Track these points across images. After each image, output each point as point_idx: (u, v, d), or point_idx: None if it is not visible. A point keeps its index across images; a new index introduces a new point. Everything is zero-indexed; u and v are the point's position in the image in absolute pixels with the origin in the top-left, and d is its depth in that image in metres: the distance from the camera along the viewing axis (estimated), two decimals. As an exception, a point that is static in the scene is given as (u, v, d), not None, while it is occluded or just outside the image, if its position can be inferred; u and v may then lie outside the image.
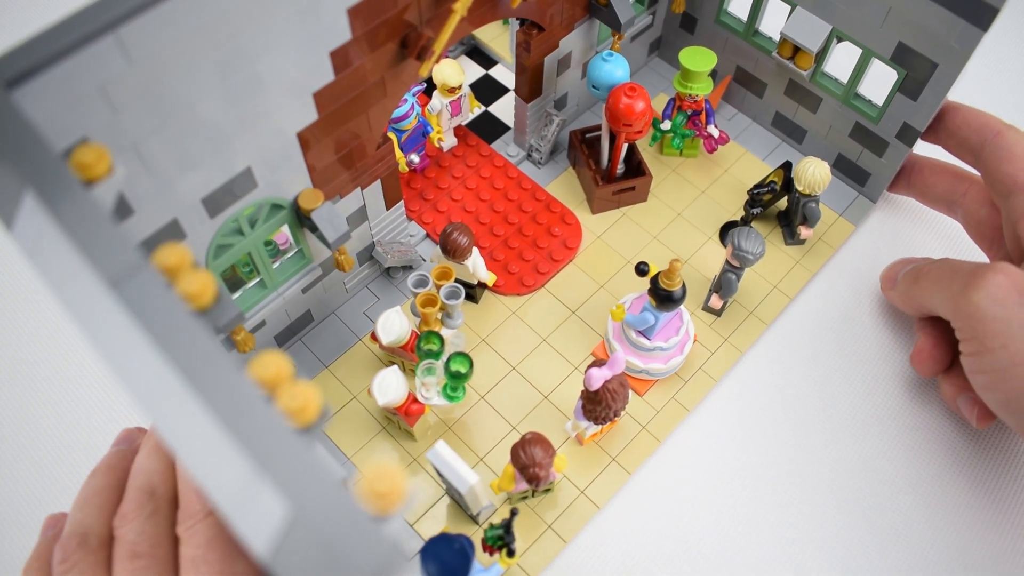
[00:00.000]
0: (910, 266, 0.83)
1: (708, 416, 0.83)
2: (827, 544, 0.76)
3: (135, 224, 0.58)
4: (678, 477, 0.79)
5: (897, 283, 0.84)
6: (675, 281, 0.73)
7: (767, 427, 0.82)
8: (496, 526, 0.69)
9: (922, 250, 0.94)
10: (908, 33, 0.79)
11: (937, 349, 0.79)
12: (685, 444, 0.81)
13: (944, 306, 0.74)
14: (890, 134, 0.88)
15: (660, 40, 1.07)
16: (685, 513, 0.77)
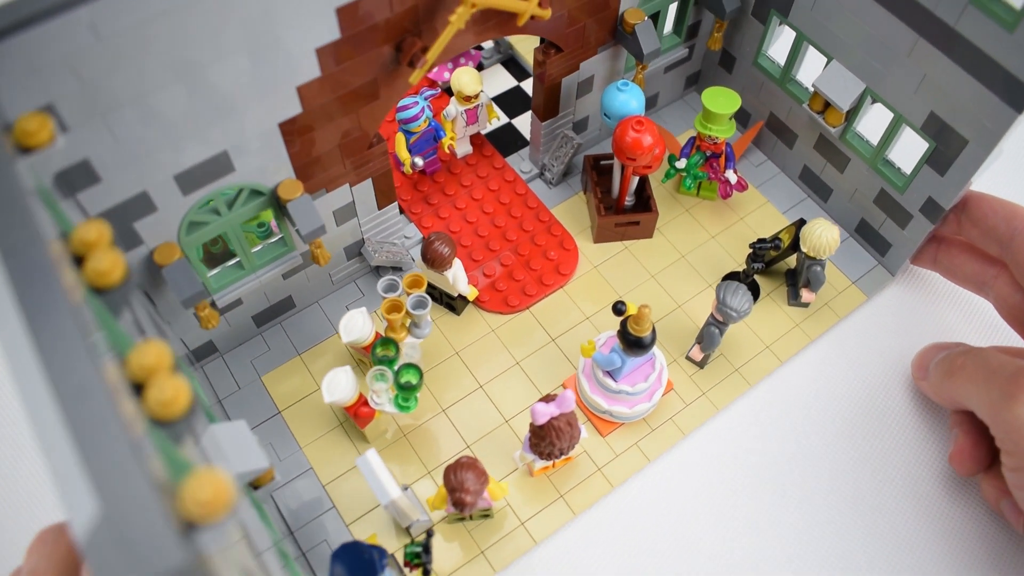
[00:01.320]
0: (942, 354, 0.78)
1: (669, 469, 0.80)
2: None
3: (101, 192, 0.59)
4: (625, 525, 0.77)
5: (929, 374, 0.79)
6: (643, 327, 0.71)
7: (730, 493, 0.78)
8: (416, 543, 0.69)
9: (943, 330, 0.88)
10: (941, 104, 0.74)
11: (977, 449, 0.74)
12: (639, 494, 0.78)
13: (982, 411, 0.70)
14: (914, 207, 0.83)
15: (698, 75, 1.03)
16: (625, 564, 0.75)
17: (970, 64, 0.69)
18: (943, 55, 0.71)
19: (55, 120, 0.52)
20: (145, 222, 0.64)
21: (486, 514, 0.75)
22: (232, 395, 0.83)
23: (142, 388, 0.41)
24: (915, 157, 0.81)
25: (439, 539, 0.75)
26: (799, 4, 0.83)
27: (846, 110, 0.82)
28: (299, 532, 0.76)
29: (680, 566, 0.74)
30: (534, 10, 0.68)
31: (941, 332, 0.89)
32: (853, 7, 0.77)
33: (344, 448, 0.80)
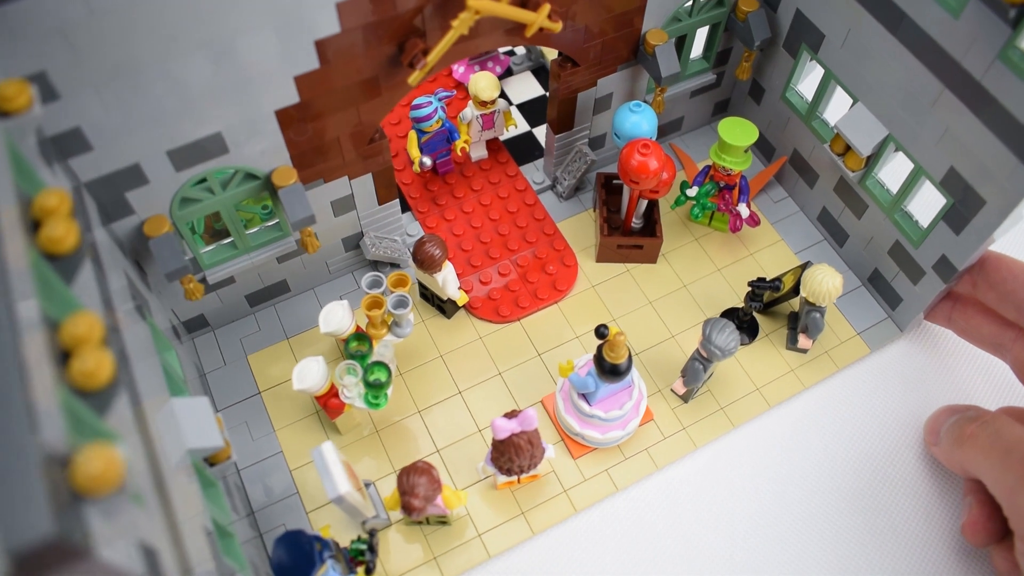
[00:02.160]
0: (954, 418, 0.75)
1: (636, 501, 0.78)
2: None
3: (93, 160, 0.61)
4: (583, 550, 0.75)
5: (940, 439, 0.76)
6: (618, 354, 0.69)
7: (698, 540, 0.76)
8: (361, 540, 0.69)
9: (953, 391, 0.84)
10: (961, 160, 0.71)
11: (992, 521, 0.71)
12: (602, 522, 0.77)
13: (995, 490, 0.67)
14: (927, 263, 0.79)
15: (727, 103, 1.01)
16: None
17: (993, 121, 0.66)
18: (967, 109, 0.68)
19: (47, 87, 0.54)
20: (136, 193, 0.65)
21: (443, 521, 0.75)
22: (217, 370, 0.85)
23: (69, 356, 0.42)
24: (932, 212, 0.77)
25: (396, 539, 0.75)
26: (829, 41, 0.80)
27: (865, 156, 0.79)
28: (259, 513, 0.77)
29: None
30: (543, 22, 0.68)
31: (950, 393, 0.85)
32: (881, 49, 0.74)
33: (316, 437, 0.81)
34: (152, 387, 0.59)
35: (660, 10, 0.80)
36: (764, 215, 0.96)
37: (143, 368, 0.58)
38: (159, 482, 0.49)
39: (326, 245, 0.84)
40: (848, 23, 0.76)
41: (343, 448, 0.80)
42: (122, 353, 0.53)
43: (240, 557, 0.64)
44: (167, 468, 0.52)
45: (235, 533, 0.65)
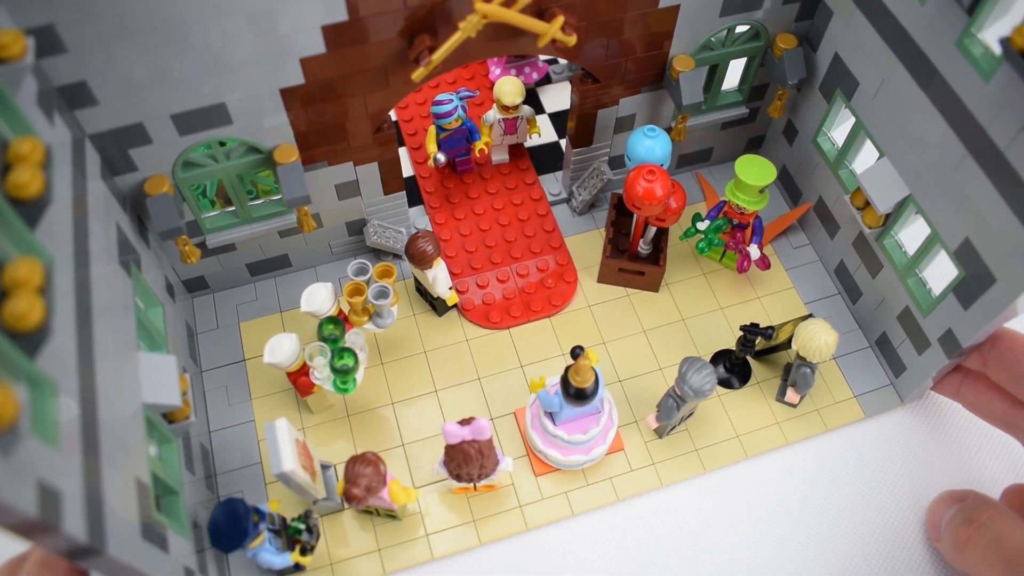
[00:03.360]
0: (953, 510, 0.71)
1: (589, 529, 0.77)
2: None
3: (98, 114, 0.63)
4: (525, 568, 0.74)
5: (942, 536, 0.72)
6: (583, 378, 0.68)
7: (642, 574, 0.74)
8: (300, 519, 0.69)
9: (952, 465, 0.80)
10: (977, 232, 0.67)
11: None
12: (553, 543, 0.76)
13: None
14: (934, 335, 0.75)
15: (762, 140, 0.98)
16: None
17: (1012, 197, 0.62)
18: (988, 180, 0.64)
19: (55, 40, 0.57)
20: (140, 151, 0.68)
21: (392, 515, 0.75)
22: (210, 332, 0.87)
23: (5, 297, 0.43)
24: (945, 282, 0.73)
25: (347, 525, 0.76)
26: (863, 89, 0.76)
27: (882, 213, 0.75)
28: (220, 476, 0.79)
29: (564, 629, 0.72)
30: (556, 34, 0.67)
31: (953, 469, 0.80)
32: (911, 104, 0.70)
33: (289, 412, 0.82)
34: (118, 339, 0.61)
35: (691, 36, 0.78)
36: (780, 260, 0.93)
37: (111, 319, 0.60)
38: (90, 429, 0.51)
39: (329, 227, 0.86)
40: (883, 73, 0.73)
41: (311, 427, 0.81)
42: (84, 302, 0.55)
43: (180, 516, 0.65)
44: (108, 417, 0.54)
45: (181, 492, 0.67)
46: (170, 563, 0.59)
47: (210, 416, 0.82)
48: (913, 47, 0.68)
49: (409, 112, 1.03)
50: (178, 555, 0.61)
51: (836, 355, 0.86)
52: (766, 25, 0.80)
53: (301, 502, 0.75)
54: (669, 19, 0.75)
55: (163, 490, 0.65)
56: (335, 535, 0.75)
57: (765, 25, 0.80)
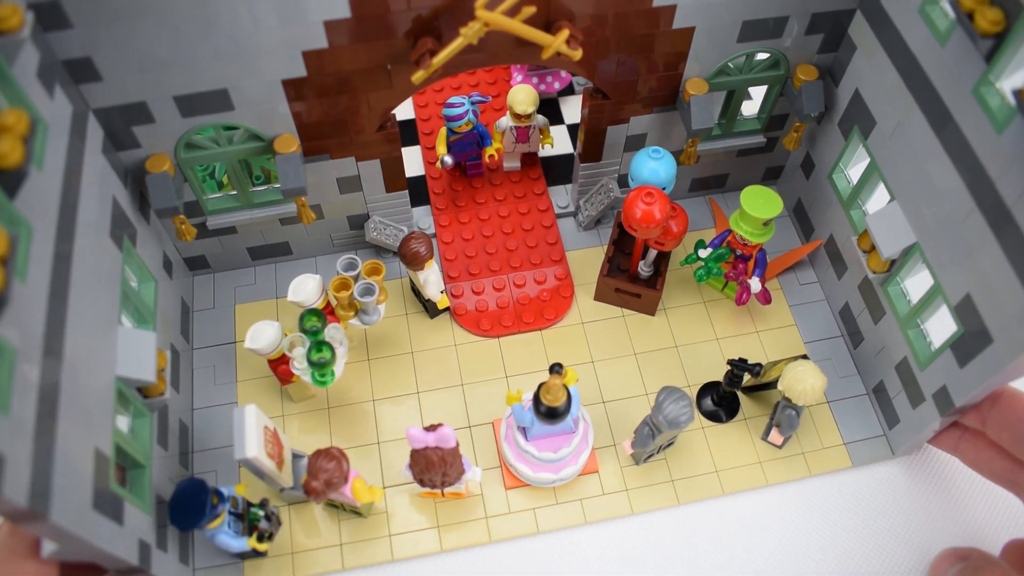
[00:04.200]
0: (958, 567, 0.69)
1: (553, 549, 0.76)
2: None
3: (102, 90, 0.65)
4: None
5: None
6: (554, 397, 0.67)
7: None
8: (259, 507, 0.70)
9: (946, 522, 0.77)
10: (978, 289, 0.64)
11: None
12: (512, 560, 0.75)
13: None
14: (929, 390, 0.72)
15: (780, 171, 0.96)
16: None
17: (1016, 256, 0.59)
18: (993, 236, 0.61)
19: (60, 15, 0.58)
20: (143, 129, 0.69)
21: (356, 511, 0.75)
22: (206, 311, 0.89)
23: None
24: (944, 336, 0.70)
25: (314, 516, 0.76)
26: (880, 129, 0.74)
27: (886, 258, 0.73)
28: (197, 454, 0.80)
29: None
30: (560, 47, 0.66)
31: (947, 525, 0.77)
32: (924, 149, 0.67)
33: (272, 398, 0.83)
34: (97, 310, 0.62)
35: (707, 59, 0.76)
36: (784, 295, 0.90)
37: (92, 291, 0.61)
38: (49, 396, 0.52)
39: (331, 219, 0.86)
40: (900, 114, 0.70)
41: (291, 416, 0.82)
42: (62, 272, 0.57)
43: (144, 490, 0.66)
44: (73, 386, 0.55)
45: (149, 466, 0.68)
46: (124, 535, 0.60)
47: (195, 394, 0.83)
48: (931, 90, 0.66)
49: (428, 111, 1.03)
50: (134, 528, 0.62)
51: (830, 399, 0.83)
52: (787, 54, 0.78)
53: (268, 489, 0.76)
54: (684, 40, 0.73)
55: (129, 463, 0.67)
56: (301, 525, 0.76)
57: (786, 54, 0.78)
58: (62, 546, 0.54)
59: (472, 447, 0.80)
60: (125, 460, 0.66)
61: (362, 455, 0.80)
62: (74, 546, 0.54)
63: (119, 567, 0.61)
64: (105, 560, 0.59)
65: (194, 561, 0.74)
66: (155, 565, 0.65)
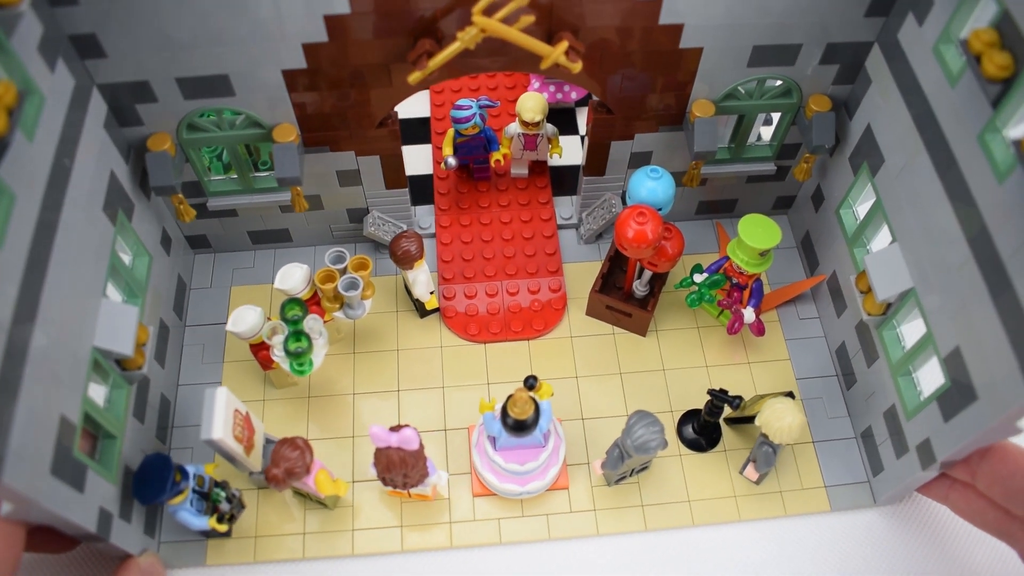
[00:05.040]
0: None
1: (513, 562, 0.75)
2: None
3: (106, 67, 0.66)
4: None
5: None
6: (521, 410, 0.67)
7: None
8: (223, 488, 0.71)
9: None
10: (968, 342, 0.61)
11: None
12: (469, 567, 0.75)
13: None
14: (913, 441, 0.70)
15: (792, 201, 0.93)
16: (413, 621, 0.72)
17: (1007, 314, 0.56)
18: (986, 289, 0.58)
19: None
20: (145, 108, 0.70)
21: (322, 503, 0.75)
22: (202, 289, 0.90)
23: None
24: (932, 387, 0.68)
25: (281, 502, 0.77)
26: (887, 167, 0.71)
27: (880, 300, 0.70)
28: (177, 430, 0.81)
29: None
30: (559, 59, 0.65)
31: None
32: (927, 192, 0.65)
33: (255, 382, 0.84)
34: (79, 280, 0.63)
35: (715, 82, 0.75)
36: (781, 328, 0.88)
37: (75, 261, 0.62)
38: (15, 361, 0.53)
39: (330, 210, 0.87)
40: (907, 154, 0.68)
41: (271, 401, 0.83)
42: (44, 239, 0.58)
43: (112, 460, 0.68)
44: (43, 352, 0.56)
45: (120, 437, 0.69)
46: (83, 503, 0.61)
47: (182, 370, 0.84)
48: (938, 132, 0.63)
49: (444, 111, 1.04)
50: (96, 497, 0.63)
51: (816, 440, 0.81)
52: (800, 83, 0.76)
53: (238, 472, 0.77)
54: (691, 61, 0.72)
55: (101, 432, 0.68)
56: (268, 510, 0.77)
57: (799, 83, 0.76)
58: (17, 507, 0.55)
59: (445, 450, 0.80)
60: (96, 429, 0.67)
61: (337, 447, 0.80)
62: (29, 508, 0.56)
63: (77, 533, 0.63)
64: (62, 525, 0.60)
65: (160, 534, 0.75)
66: (115, 534, 0.66)
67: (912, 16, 0.66)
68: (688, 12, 0.67)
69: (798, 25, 0.69)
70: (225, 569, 0.74)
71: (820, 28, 0.70)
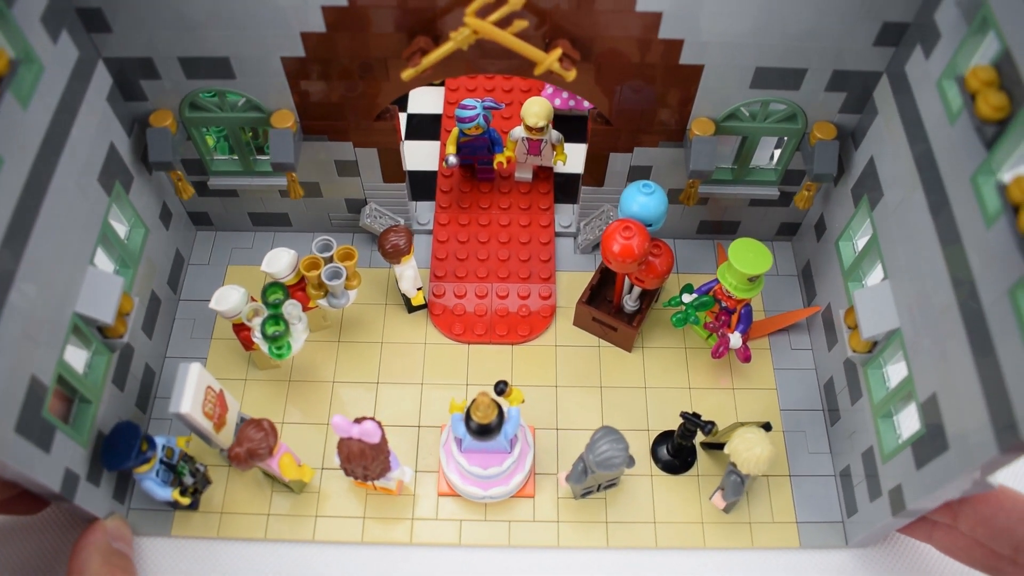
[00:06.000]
0: None
1: (469, 565, 0.75)
2: None
3: (111, 41, 0.68)
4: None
5: None
6: (483, 414, 0.66)
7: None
8: (189, 462, 0.72)
9: None
10: (945, 389, 0.59)
11: None
12: (427, 566, 0.74)
13: None
14: (887, 485, 0.68)
15: (796, 228, 0.91)
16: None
17: (982, 364, 0.54)
18: (965, 335, 0.56)
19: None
20: (149, 84, 0.72)
21: (288, 487, 0.76)
22: (200, 265, 0.92)
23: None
24: (910, 432, 0.65)
25: (250, 481, 0.78)
26: (886, 201, 0.69)
27: (865, 339, 0.68)
28: (159, 400, 0.83)
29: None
30: (552, 66, 0.65)
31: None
32: (919, 231, 0.63)
33: (239, 361, 0.85)
34: (65, 246, 0.65)
35: (716, 101, 0.73)
36: (771, 356, 0.86)
37: (63, 226, 0.64)
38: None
39: (329, 199, 0.88)
40: (905, 189, 0.66)
41: (252, 381, 0.84)
42: (30, 204, 0.60)
43: (85, 424, 0.69)
44: (19, 313, 0.58)
45: (96, 402, 0.70)
46: (48, 462, 0.63)
47: (170, 342, 0.86)
48: (935, 170, 0.61)
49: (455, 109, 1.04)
50: (62, 458, 0.65)
51: (794, 474, 0.79)
52: (805, 108, 0.74)
53: (207, 447, 0.78)
54: (691, 78, 0.71)
55: (77, 396, 0.69)
56: (237, 488, 0.78)
57: (804, 108, 0.74)
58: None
59: (416, 447, 0.80)
60: (72, 393, 0.69)
61: (311, 433, 0.81)
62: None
63: (42, 492, 0.64)
64: (24, 482, 0.62)
65: (131, 501, 0.76)
66: (81, 496, 0.67)
67: (920, 48, 0.64)
68: (688, 28, 0.66)
69: (802, 49, 0.68)
70: (188, 541, 0.75)
71: (826, 53, 0.68)
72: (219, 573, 0.74)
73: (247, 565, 0.74)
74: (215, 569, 0.74)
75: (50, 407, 0.64)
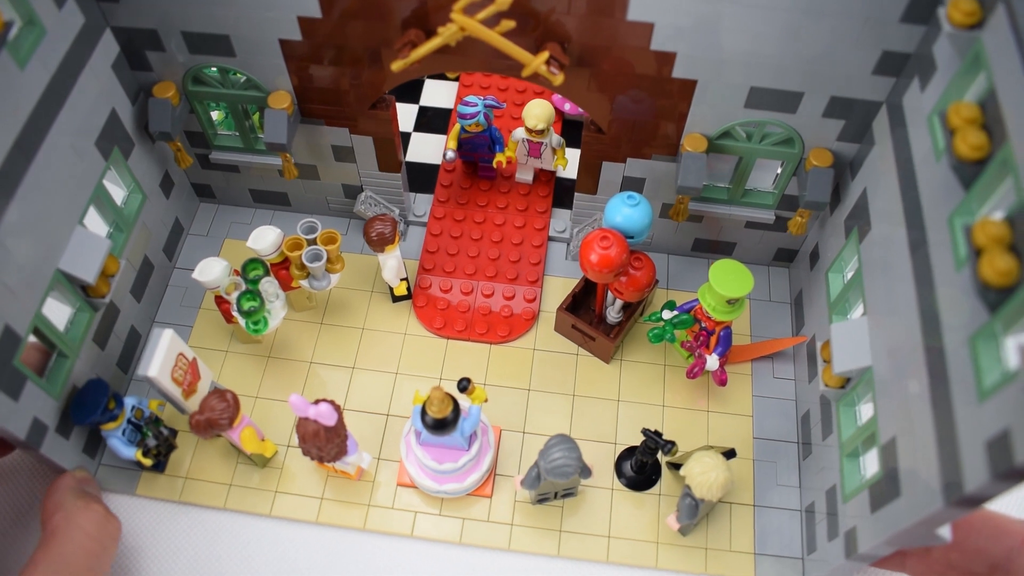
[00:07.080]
0: None
1: (415, 556, 0.75)
2: None
3: (119, 11, 0.70)
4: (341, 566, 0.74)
5: None
6: (437, 409, 0.67)
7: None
8: (156, 425, 0.73)
9: None
10: (904, 434, 0.57)
11: None
12: (372, 553, 0.75)
13: None
14: (844, 525, 0.66)
15: (794, 255, 0.89)
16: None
17: (939, 412, 0.52)
18: (928, 380, 0.54)
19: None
20: (155, 55, 0.74)
21: (252, 460, 0.77)
22: (198, 236, 0.94)
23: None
24: (869, 474, 0.64)
25: (218, 451, 0.79)
26: (872, 235, 0.68)
27: (836, 374, 0.67)
28: (140, 362, 0.85)
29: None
30: (540, 68, 0.65)
31: None
32: (897, 268, 0.61)
33: (223, 333, 0.87)
34: (54, 204, 0.67)
35: (710, 118, 0.72)
36: (752, 383, 0.84)
37: (53, 185, 0.66)
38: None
39: (326, 183, 0.89)
40: (890, 225, 0.64)
41: (232, 354, 0.85)
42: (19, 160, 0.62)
43: (59, 378, 0.71)
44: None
45: (72, 357, 0.73)
46: (16, 411, 0.65)
47: (161, 308, 0.88)
48: (917, 207, 0.59)
49: (468, 105, 1.04)
50: (31, 408, 0.67)
51: (759, 505, 0.77)
52: (802, 133, 0.72)
53: (177, 413, 0.79)
54: (685, 92, 0.70)
55: (58, 354, 0.71)
56: (206, 456, 0.79)
57: (800, 133, 0.72)
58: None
59: (383, 434, 0.81)
60: (51, 347, 0.71)
61: (282, 409, 0.82)
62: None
63: (8, 438, 0.66)
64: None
65: (101, 457, 0.78)
66: (48, 447, 0.70)
67: (917, 80, 0.62)
68: (680, 40, 0.65)
69: (797, 71, 0.66)
70: (151, 502, 0.77)
71: (822, 78, 0.66)
72: (175, 535, 0.75)
73: (202, 530, 0.76)
74: (173, 531, 0.76)
75: (26, 358, 0.66)
